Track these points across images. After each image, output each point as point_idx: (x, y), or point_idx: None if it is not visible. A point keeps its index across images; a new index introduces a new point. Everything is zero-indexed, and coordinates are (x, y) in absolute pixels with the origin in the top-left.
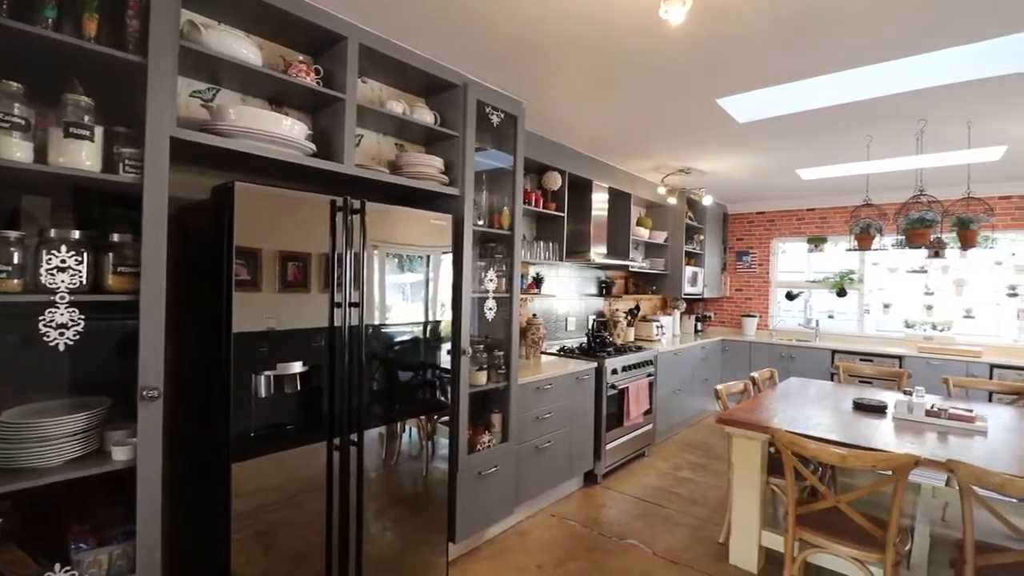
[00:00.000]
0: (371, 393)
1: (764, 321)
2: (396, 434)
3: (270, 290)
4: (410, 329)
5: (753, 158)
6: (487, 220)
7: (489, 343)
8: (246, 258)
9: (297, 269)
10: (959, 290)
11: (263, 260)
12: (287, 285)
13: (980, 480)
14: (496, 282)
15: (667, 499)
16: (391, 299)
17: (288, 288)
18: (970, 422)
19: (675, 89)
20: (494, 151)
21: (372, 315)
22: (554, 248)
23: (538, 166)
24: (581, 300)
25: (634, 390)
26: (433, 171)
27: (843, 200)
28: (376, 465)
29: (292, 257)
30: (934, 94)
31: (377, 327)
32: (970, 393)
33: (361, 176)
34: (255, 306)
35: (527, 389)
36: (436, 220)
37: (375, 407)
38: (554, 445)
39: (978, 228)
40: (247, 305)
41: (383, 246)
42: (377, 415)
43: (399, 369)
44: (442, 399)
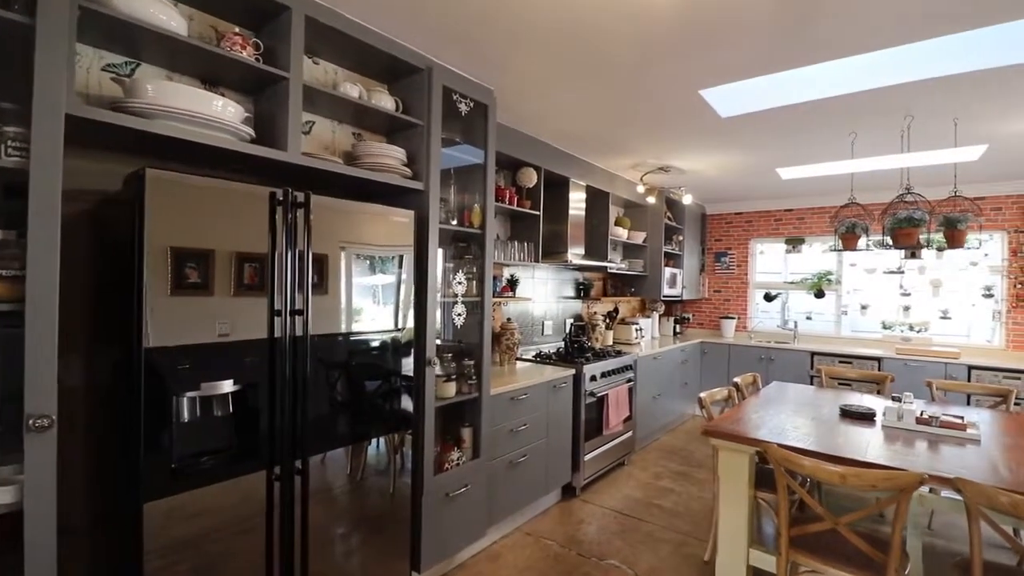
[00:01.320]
0: (319, 413)
1: (743, 323)
2: (349, 457)
3: (195, 297)
4: (366, 339)
5: (734, 156)
6: (456, 218)
7: (458, 351)
8: (164, 259)
9: (229, 272)
10: (935, 291)
11: (185, 262)
12: (216, 291)
13: (991, 501)
14: (466, 285)
15: (648, 512)
16: (343, 305)
17: (217, 294)
18: (962, 429)
19: (657, 78)
20: (464, 146)
21: (320, 324)
22: (530, 249)
23: (512, 162)
24: (558, 303)
25: (613, 397)
26: (394, 162)
27: (821, 201)
28: (327, 492)
29: (222, 258)
30: (922, 88)
31: (326, 337)
32: (948, 396)
33: (311, 167)
34: (175, 316)
35: (500, 400)
36: (397, 217)
37: (324, 428)
38: (530, 459)
39: (966, 228)
40: (165, 315)
41: (334, 246)
42: (326, 437)
43: (353, 384)
44: (404, 415)
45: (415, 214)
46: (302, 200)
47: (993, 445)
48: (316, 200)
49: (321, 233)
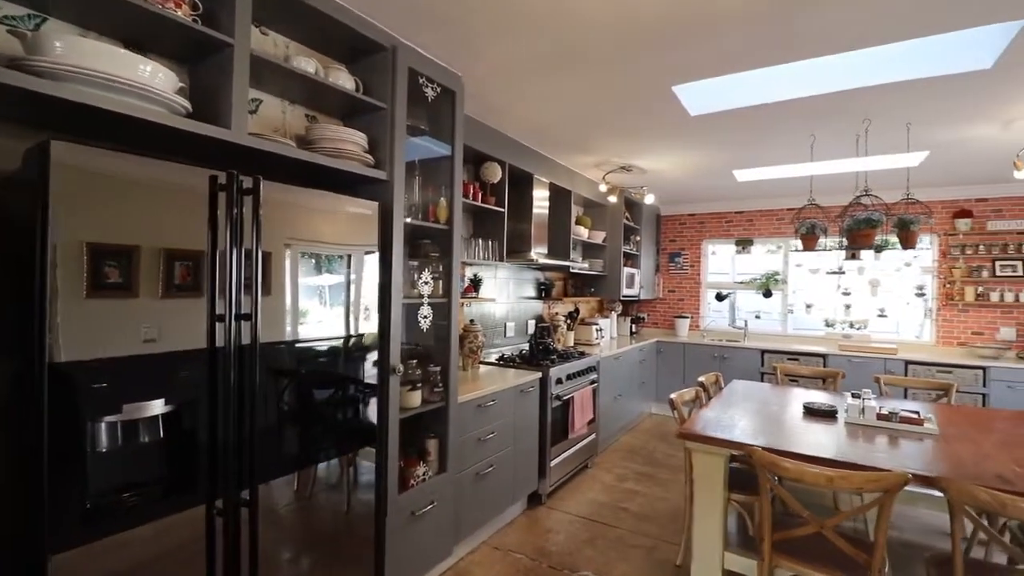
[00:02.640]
0: (270, 433)
1: (696, 322)
2: (306, 480)
3: (116, 300)
4: (324, 346)
5: (696, 156)
6: (420, 213)
7: (423, 357)
8: (75, 254)
9: (159, 270)
10: (874, 290)
11: (104, 258)
12: (142, 292)
13: (975, 500)
14: (432, 285)
15: (616, 517)
16: (298, 308)
17: (144, 297)
18: (919, 424)
19: (632, 71)
20: (427, 140)
21: (272, 330)
22: (494, 247)
23: (476, 156)
24: (519, 304)
25: (579, 399)
26: (355, 148)
27: (770, 203)
28: (280, 521)
29: (150, 254)
30: (880, 92)
31: (278, 345)
32: (889, 390)
33: (258, 149)
34: (91, 324)
35: (467, 408)
36: (358, 208)
37: (276, 451)
38: (497, 469)
39: (918, 229)
40: (78, 323)
41: (287, 240)
42: (279, 461)
43: (309, 398)
44: (366, 430)
45: (379, 206)
46: (250, 186)
47: (949, 438)
48: (267, 187)
49: (273, 225)
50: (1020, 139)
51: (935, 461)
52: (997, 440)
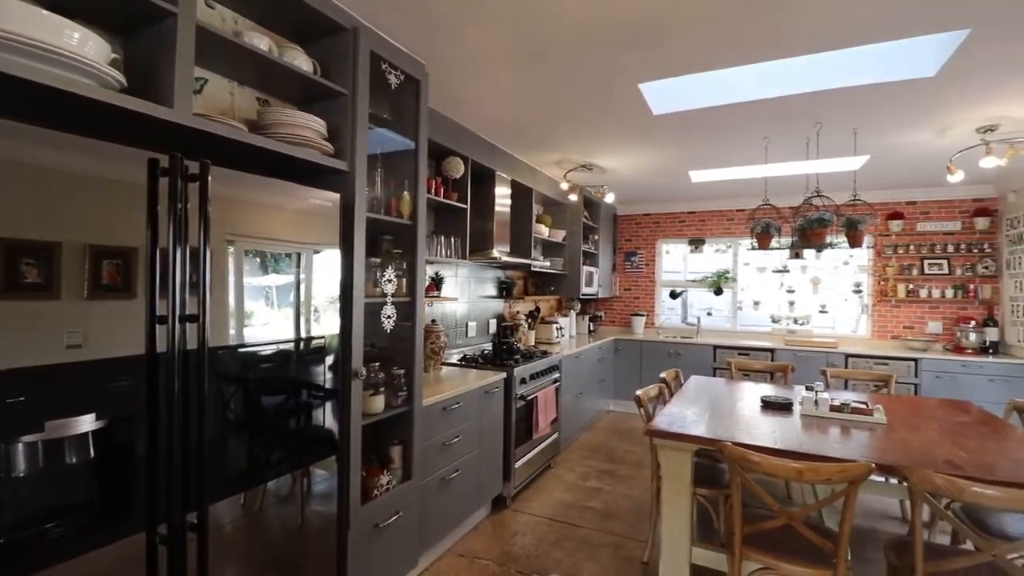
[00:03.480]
0: (222, 446)
1: (651, 319)
2: (261, 496)
3: (34, 301)
4: (281, 350)
5: (656, 155)
6: (382, 208)
7: (386, 359)
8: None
9: (85, 267)
10: (815, 288)
11: (20, 254)
12: (65, 294)
13: (936, 487)
14: (395, 283)
15: (581, 516)
16: (251, 308)
17: (68, 298)
18: (869, 415)
19: (600, 66)
20: (390, 131)
21: (221, 333)
22: (456, 245)
23: (438, 150)
24: (481, 303)
25: (543, 399)
26: (313, 134)
27: (722, 204)
28: (233, 543)
29: (74, 250)
30: (832, 96)
31: (229, 349)
32: (833, 382)
33: (205, 132)
34: (2, 328)
35: (432, 411)
36: (318, 199)
37: (229, 465)
38: (462, 473)
39: (864, 229)
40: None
41: (237, 233)
42: (232, 477)
43: (265, 407)
44: (327, 439)
45: (340, 197)
46: (197, 171)
47: (897, 427)
48: (217, 174)
49: (222, 217)
50: (952, 145)
51: (890, 449)
52: (939, 428)
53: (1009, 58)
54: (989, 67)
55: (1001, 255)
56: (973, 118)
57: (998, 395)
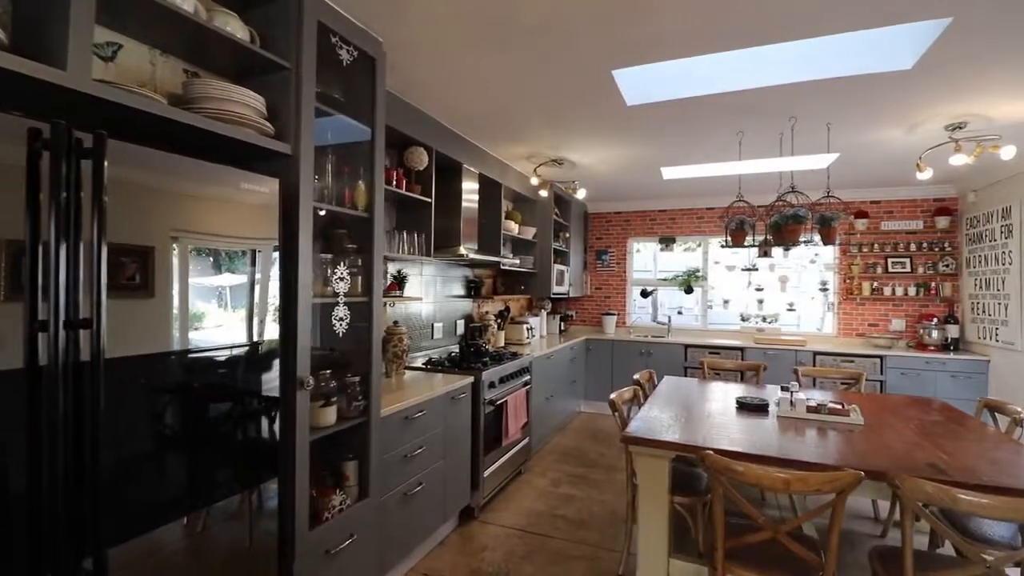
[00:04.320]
0: (129, 475)
1: (622, 319)
2: (185, 528)
3: None
4: (209, 358)
5: (629, 150)
6: (334, 198)
7: (339, 365)
8: None
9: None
10: (783, 286)
11: None
12: None
13: (928, 496)
14: (349, 282)
15: (553, 526)
16: (203, 309)
17: None
18: (846, 415)
19: (572, 49)
20: (342, 117)
21: (131, 339)
22: (420, 241)
23: (399, 139)
24: (447, 303)
25: (513, 403)
26: (248, 111)
27: (692, 202)
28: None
29: None
30: (806, 89)
31: (140, 359)
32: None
33: (107, 100)
34: None
35: (393, 422)
36: (252, 185)
37: (137, 498)
38: (426, 487)
39: (837, 226)
40: None
41: (183, 230)
42: (141, 512)
43: (188, 424)
44: (265, 458)
45: (280, 184)
46: (90, 145)
47: (874, 428)
48: (117, 149)
49: (126, 203)
50: (921, 143)
51: (871, 453)
52: (915, 427)
53: (986, 50)
54: (966, 60)
55: (961, 253)
56: (943, 114)
57: (960, 391)
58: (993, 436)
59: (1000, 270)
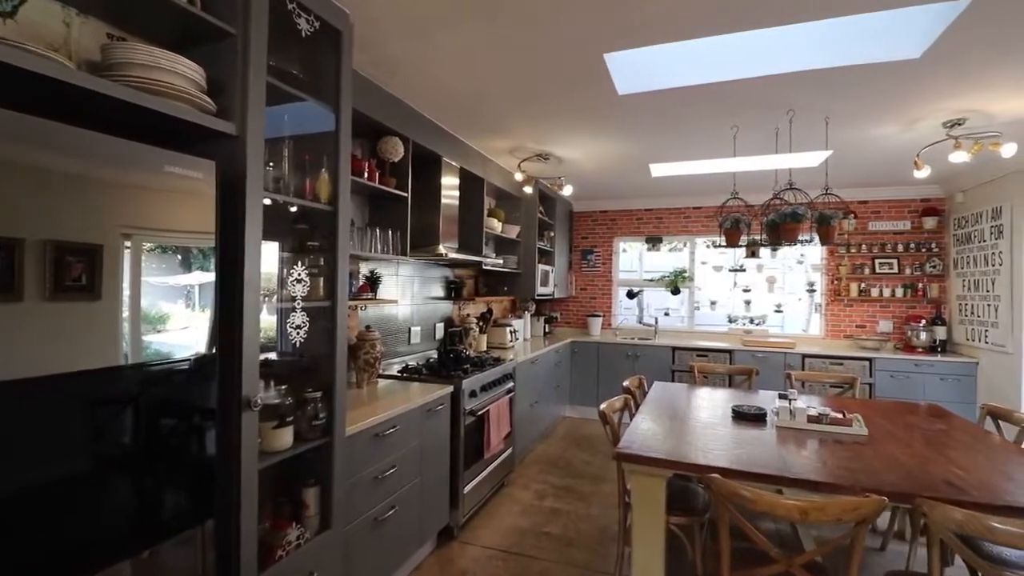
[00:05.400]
0: (7, 530)
1: (608, 320)
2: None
3: None
4: (121, 378)
5: (618, 144)
6: (292, 189)
7: (298, 378)
8: None
9: None
10: (770, 287)
11: None
12: None
13: (960, 525)
14: (308, 284)
15: (539, 545)
16: (168, 311)
17: None
18: (848, 425)
19: (561, 28)
20: (301, 96)
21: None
22: (395, 239)
23: (372, 128)
24: (426, 305)
25: (495, 413)
26: (183, 82)
27: (679, 201)
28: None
29: None
30: (807, 79)
31: (30, 384)
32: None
33: (10, 64)
34: None
35: (361, 440)
36: (178, 168)
37: (15, 561)
38: (400, 510)
39: (836, 224)
40: None
41: (137, 226)
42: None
43: (97, 462)
44: (200, 495)
45: (217, 169)
46: None
47: (879, 439)
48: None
49: (120, 204)
50: (917, 140)
51: (883, 470)
52: (922, 438)
53: (1001, 38)
54: (978, 49)
55: (948, 254)
56: (944, 110)
57: (950, 394)
58: (1002, 447)
59: (990, 271)
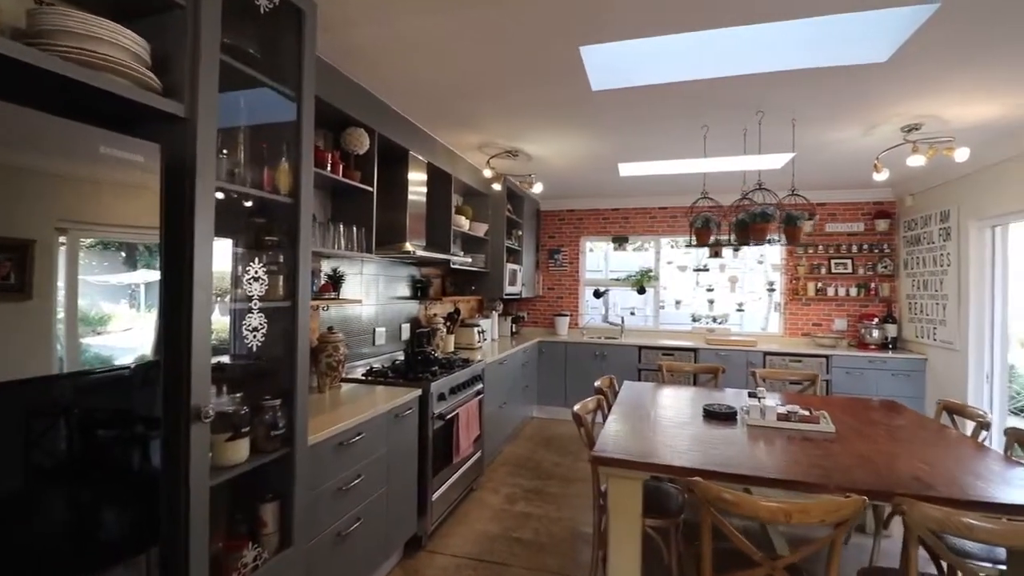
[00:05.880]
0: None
1: (575, 320)
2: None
3: None
4: (55, 386)
5: (589, 141)
6: (250, 180)
7: (254, 384)
8: None
9: None
10: (733, 286)
11: None
12: None
13: (939, 524)
14: (267, 282)
15: (510, 551)
16: (110, 311)
17: None
18: (815, 422)
19: (535, 17)
20: (264, 90)
21: (30, 356)
22: (359, 236)
23: (335, 117)
24: (391, 305)
25: (465, 416)
26: (123, 54)
27: (645, 201)
28: None
29: None
30: (777, 80)
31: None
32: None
33: None
34: None
35: (324, 449)
36: (117, 151)
37: None
38: (366, 521)
39: (802, 225)
40: None
41: (74, 220)
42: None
43: (17, 481)
44: (143, 519)
45: (162, 153)
46: None
47: (846, 436)
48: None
49: (57, 196)
50: (875, 144)
51: (855, 467)
52: (885, 434)
53: (967, 42)
54: (943, 54)
55: (899, 255)
56: (903, 115)
57: (901, 389)
58: (959, 441)
59: (938, 271)
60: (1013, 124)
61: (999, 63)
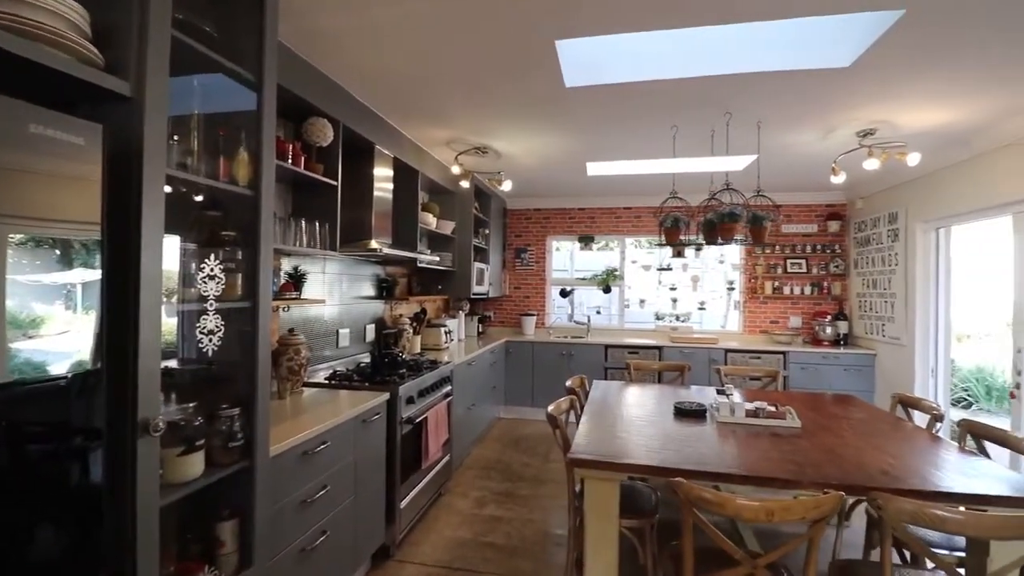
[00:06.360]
0: None
1: (541, 319)
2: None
3: None
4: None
5: (560, 139)
6: (204, 170)
7: (209, 391)
8: None
9: None
10: (695, 285)
11: None
12: None
13: (913, 517)
14: (224, 281)
15: (483, 558)
16: (44, 313)
17: None
18: (782, 418)
19: (509, 7)
20: (220, 75)
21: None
22: (323, 233)
23: (297, 107)
24: (355, 305)
25: (433, 419)
26: (60, 23)
27: (610, 201)
28: None
29: None
30: (744, 81)
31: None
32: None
33: None
34: None
35: (286, 461)
36: (50, 130)
37: None
38: (332, 534)
39: (768, 225)
40: None
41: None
42: None
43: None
44: (87, 544)
45: (105, 135)
46: None
47: (813, 431)
48: None
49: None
50: (832, 147)
51: (825, 462)
52: (848, 428)
53: (928, 48)
54: (903, 60)
55: (849, 255)
56: (860, 119)
57: (852, 383)
58: (916, 433)
59: (887, 271)
60: (959, 130)
61: (959, 68)
